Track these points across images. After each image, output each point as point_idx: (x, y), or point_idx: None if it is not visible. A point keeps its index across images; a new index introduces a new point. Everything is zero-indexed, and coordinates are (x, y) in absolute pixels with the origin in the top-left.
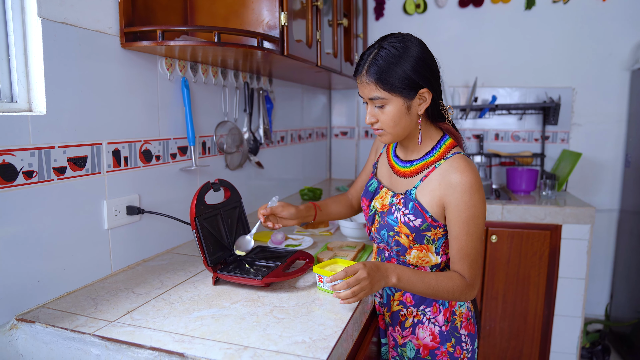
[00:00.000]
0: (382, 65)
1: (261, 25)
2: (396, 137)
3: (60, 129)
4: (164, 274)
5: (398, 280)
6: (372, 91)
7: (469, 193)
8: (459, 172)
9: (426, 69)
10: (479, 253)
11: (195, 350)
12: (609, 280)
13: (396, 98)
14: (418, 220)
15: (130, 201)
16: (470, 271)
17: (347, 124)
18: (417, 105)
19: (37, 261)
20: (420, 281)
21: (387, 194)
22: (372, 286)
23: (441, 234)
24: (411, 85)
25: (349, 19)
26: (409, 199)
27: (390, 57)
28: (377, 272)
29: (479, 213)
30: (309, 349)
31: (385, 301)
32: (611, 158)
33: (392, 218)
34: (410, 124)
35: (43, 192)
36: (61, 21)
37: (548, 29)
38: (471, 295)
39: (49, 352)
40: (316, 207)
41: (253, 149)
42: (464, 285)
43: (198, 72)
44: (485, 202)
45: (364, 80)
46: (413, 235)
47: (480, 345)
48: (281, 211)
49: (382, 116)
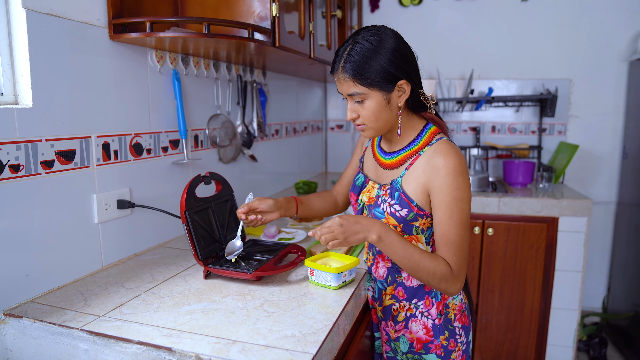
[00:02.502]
0: (357, 61)
1: (252, 16)
2: (378, 131)
3: (47, 122)
4: (155, 268)
5: (379, 239)
6: (350, 87)
7: (452, 175)
8: (442, 156)
9: (402, 60)
10: (464, 240)
11: (183, 345)
12: (606, 273)
13: (375, 92)
14: (404, 210)
15: (121, 195)
16: (455, 259)
17: (343, 117)
18: (397, 97)
19: (25, 256)
20: (402, 248)
21: (373, 186)
22: (345, 237)
23: (430, 224)
24: (388, 78)
25: (343, 11)
26: (394, 188)
27: (365, 51)
28: (356, 225)
29: (463, 197)
30: (299, 343)
31: (377, 295)
32: (609, 150)
33: (379, 210)
34: (391, 117)
35: (30, 186)
36: (47, 12)
37: (545, 20)
38: (455, 289)
39: (37, 347)
40: (297, 201)
41: (247, 142)
42: (447, 272)
43: (189, 64)
44: (470, 187)
45: (341, 77)
46: (401, 225)
47: (477, 338)
48: (258, 204)
49: (362, 111)
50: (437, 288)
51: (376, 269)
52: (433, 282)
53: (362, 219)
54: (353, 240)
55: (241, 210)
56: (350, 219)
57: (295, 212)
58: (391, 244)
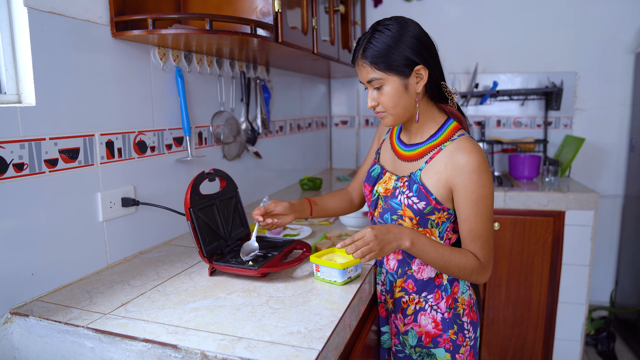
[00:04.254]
0: (376, 47)
1: (254, 12)
2: (398, 118)
3: (50, 121)
4: (160, 265)
5: (412, 244)
6: (369, 73)
7: (477, 173)
8: (466, 153)
9: (420, 47)
10: (490, 234)
11: (188, 342)
12: (613, 267)
13: (392, 77)
14: (422, 202)
15: (125, 193)
16: (483, 252)
17: (347, 113)
18: (415, 83)
19: (30, 254)
20: (433, 250)
21: (390, 178)
22: (381, 248)
23: (445, 218)
24: (405, 62)
25: (346, 6)
26: (413, 181)
27: (384, 37)
28: (388, 234)
29: (488, 193)
30: (304, 339)
31: (388, 288)
32: (615, 143)
33: (396, 201)
34: (410, 104)
35: (35, 184)
36: (49, 10)
37: (550, 13)
38: (485, 277)
39: (43, 346)
40: (310, 202)
41: (251, 139)
42: (477, 265)
43: (192, 61)
44: (492, 183)
45: (360, 64)
46: (417, 218)
47: (484, 332)
48: (274, 207)
49: (381, 97)
50: (468, 280)
51: (387, 261)
52: (464, 276)
53: (392, 227)
54: (387, 250)
55: (257, 212)
56: (382, 228)
57: (309, 214)
58: (423, 247)
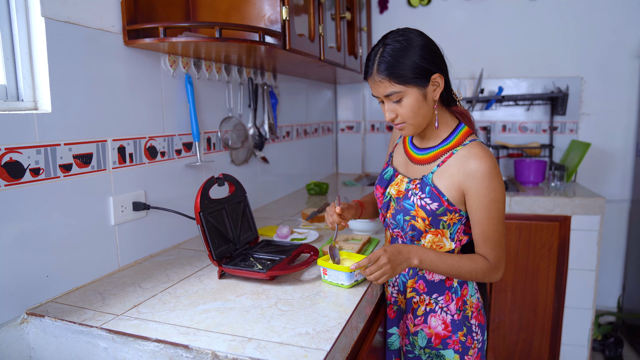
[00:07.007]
0: (390, 61)
1: (263, 20)
2: (418, 127)
3: (65, 127)
4: (170, 268)
5: (420, 262)
6: (387, 88)
7: (489, 178)
8: (478, 159)
9: (433, 55)
10: (501, 235)
11: (199, 342)
12: (620, 272)
13: (411, 89)
14: (435, 203)
15: (136, 197)
16: (494, 254)
17: (353, 118)
18: (432, 91)
19: (45, 257)
20: (442, 262)
21: (402, 180)
22: (393, 270)
23: (456, 219)
24: (422, 73)
25: (352, 13)
26: (425, 183)
27: (396, 51)
28: (399, 256)
29: (499, 197)
30: (313, 340)
31: (401, 288)
32: (621, 147)
33: (409, 202)
34: (429, 112)
35: (50, 188)
36: (64, 20)
37: (555, 18)
38: (497, 276)
39: (58, 345)
40: (362, 207)
41: (258, 144)
42: (487, 267)
43: (201, 68)
44: (503, 186)
45: (377, 79)
46: (429, 219)
47: (490, 337)
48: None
49: (400, 110)
50: (482, 281)
51: None
52: (477, 279)
53: (401, 248)
54: (399, 271)
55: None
56: (393, 250)
57: (359, 215)
58: (431, 262)
